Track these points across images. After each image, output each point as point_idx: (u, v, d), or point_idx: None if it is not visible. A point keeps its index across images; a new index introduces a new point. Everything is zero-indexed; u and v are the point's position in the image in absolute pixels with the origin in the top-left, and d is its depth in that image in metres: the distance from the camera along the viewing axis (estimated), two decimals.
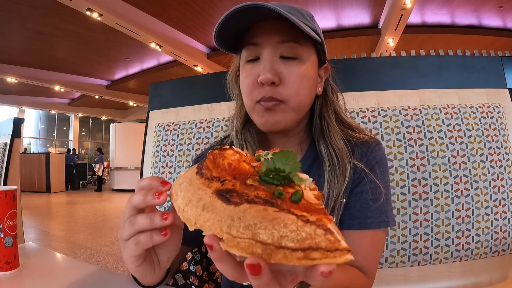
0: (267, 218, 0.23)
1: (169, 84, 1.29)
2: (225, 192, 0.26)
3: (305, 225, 0.23)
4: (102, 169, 9.62)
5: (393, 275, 0.91)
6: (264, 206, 0.24)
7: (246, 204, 0.24)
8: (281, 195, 0.25)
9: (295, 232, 0.22)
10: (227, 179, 0.27)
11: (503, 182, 0.92)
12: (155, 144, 1.16)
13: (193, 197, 0.27)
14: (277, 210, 0.24)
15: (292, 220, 0.23)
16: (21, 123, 2.10)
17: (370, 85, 1.04)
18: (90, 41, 7.24)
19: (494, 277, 0.93)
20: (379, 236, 0.60)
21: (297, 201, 0.25)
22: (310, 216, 0.24)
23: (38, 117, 13.75)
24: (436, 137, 0.92)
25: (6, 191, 0.58)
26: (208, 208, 0.25)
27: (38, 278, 0.56)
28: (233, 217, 0.24)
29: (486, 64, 1.04)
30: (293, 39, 0.56)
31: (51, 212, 5.69)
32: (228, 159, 0.30)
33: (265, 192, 0.26)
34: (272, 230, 0.23)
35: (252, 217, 0.23)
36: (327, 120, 0.63)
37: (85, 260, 2.93)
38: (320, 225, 0.23)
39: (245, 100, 0.60)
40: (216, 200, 0.25)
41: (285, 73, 0.56)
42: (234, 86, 0.69)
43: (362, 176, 0.61)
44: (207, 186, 0.27)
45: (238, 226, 0.23)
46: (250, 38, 0.57)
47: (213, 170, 0.29)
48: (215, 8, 5.79)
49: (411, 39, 6.80)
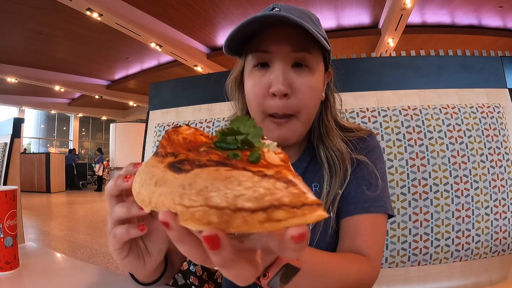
0: (219, 178, 0.20)
1: (169, 84, 1.29)
2: (177, 162, 0.23)
3: (262, 180, 0.20)
4: (102, 169, 9.62)
5: (393, 275, 0.91)
6: (216, 167, 0.21)
7: (197, 168, 0.21)
8: (236, 156, 0.23)
9: (251, 189, 0.20)
10: (181, 152, 0.25)
11: (503, 182, 0.92)
12: (155, 144, 1.16)
13: (147, 177, 0.24)
14: (230, 169, 0.21)
15: (247, 176, 0.20)
16: (21, 123, 2.09)
17: (370, 85, 1.04)
18: (90, 41, 7.24)
19: (494, 277, 0.93)
20: (378, 220, 0.58)
21: (255, 160, 0.22)
22: (267, 170, 0.21)
23: (38, 117, 13.74)
24: (436, 137, 0.92)
25: (6, 191, 0.58)
26: (160, 183, 0.23)
27: (38, 278, 0.56)
28: (184, 185, 0.21)
29: (486, 64, 1.04)
30: (305, 48, 0.55)
31: (51, 212, 5.69)
32: (182, 134, 0.28)
33: (219, 155, 0.23)
34: (225, 190, 0.20)
35: (203, 180, 0.20)
36: (326, 123, 0.63)
37: (85, 260, 2.93)
38: (280, 177, 0.20)
39: (254, 109, 0.58)
40: (168, 172, 0.23)
41: (297, 84, 0.55)
42: (235, 90, 0.67)
43: (356, 164, 0.61)
44: (161, 162, 0.25)
45: (189, 193, 0.20)
46: (260, 45, 0.56)
47: (168, 147, 0.27)
48: (215, 8, 5.79)
49: (411, 39, 6.80)
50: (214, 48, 7.80)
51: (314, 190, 0.62)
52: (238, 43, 0.57)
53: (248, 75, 0.59)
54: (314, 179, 0.63)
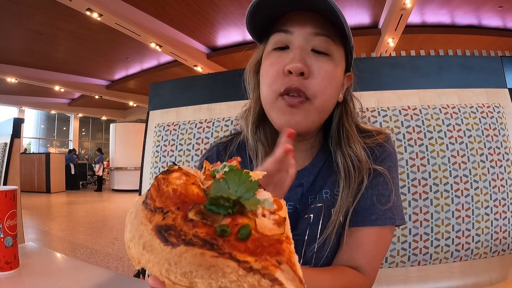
0: (203, 265, 0.20)
1: (169, 84, 1.30)
2: (164, 229, 0.23)
3: (247, 275, 0.20)
4: (102, 169, 9.62)
5: (393, 275, 0.91)
6: (201, 249, 0.21)
7: (183, 246, 0.22)
8: (224, 233, 0.22)
9: (235, 283, 0.20)
10: (170, 210, 0.25)
11: (503, 182, 0.92)
12: (155, 144, 1.16)
13: (136, 233, 0.25)
14: (216, 255, 0.21)
15: (232, 268, 0.20)
16: (21, 123, 2.10)
17: (370, 85, 1.04)
18: (90, 41, 7.24)
19: (494, 277, 0.93)
20: (384, 234, 0.57)
21: (245, 238, 0.22)
22: (254, 263, 0.20)
23: (38, 117, 13.74)
24: (436, 137, 0.92)
25: (6, 191, 0.58)
26: (148, 248, 0.23)
27: (38, 278, 0.56)
28: (170, 262, 0.21)
29: (486, 64, 1.04)
30: (327, 33, 0.53)
31: (51, 212, 5.69)
32: (172, 184, 0.27)
33: (206, 229, 0.23)
34: (209, 280, 0.20)
35: (188, 264, 0.21)
36: (347, 129, 0.60)
37: (85, 260, 2.93)
38: (266, 274, 0.20)
39: (266, 91, 0.56)
40: (155, 239, 0.23)
41: (315, 67, 0.53)
42: (251, 78, 0.64)
43: (370, 172, 0.59)
44: (149, 220, 0.25)
45: (175, 272, 0.21)
46: (282, 25, 0.55)
47: (157, 199, 0.26)
48: (215, 8, 5.79)
49: (411, 39, 6.80)
50: (214, 48, 7.80)
51: (325, 197, 0.60)
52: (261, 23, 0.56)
53: (266, 57, 0.57)
54: (325, 185, 0.61)
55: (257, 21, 0.55)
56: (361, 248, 0.56)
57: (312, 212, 0.59)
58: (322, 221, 0.58)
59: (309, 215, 0.59)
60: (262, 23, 0.56)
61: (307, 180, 0.62)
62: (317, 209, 0.59)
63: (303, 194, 0.61)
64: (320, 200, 0.59)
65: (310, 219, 0.59)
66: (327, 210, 0.58)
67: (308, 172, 0.62)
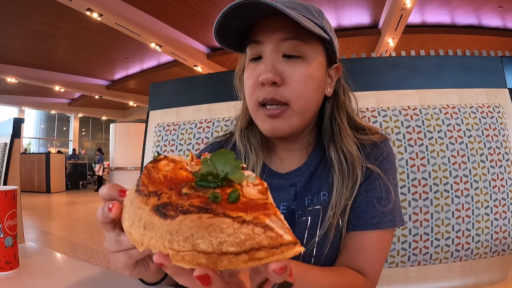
0: (202, 226, 0.23)
1: (169, 84, 1.29)
2: (161, 206, 0.25)
3: (242, 226, 0.22)
4: (102, 169, 9.62)
5: (393, 275, 0.91)
6: (198, 214, 0.23)
7: (181, 215, 0.24)
8: (216, 199, 0.25)
9: (232, 235, 0.22)
10: (163, 191, 0.27)
11: (503, 182, 0.92)
12: (155, 144, 1.16)
13: (135, 218, 0.26)
14: (212, 216, 0.23)
15: (227, 223, 0.23)
16: (21, 123, 2.09)
17: (370, 85, 1.04)
18: (90, 41, 7.24)
19: (494, 277, 0.93)
20: (385, 237, 0.57)
21: (235, 201, 0.25)
22: (246, 216, 0.23)
23: (38, 117, 13.74)
24: (436, 137, 0.92)
25: (6, 191, 0.58)
26: (149, 227, 0.25)
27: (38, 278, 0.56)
28: (171, 232, 0.23)
29: (486, 64, 1.04)
30: (297, 36, 0.53)
31: (51, 212, 5.69)
32: (162, 171, 0.29)
33: (200, 198, 0.25)
34: (209, 238, 0.22)
35: (188, 228, 0.23)
36: (339, 123, 0.60)
37: (85, 260, 2.93)
38: (258, 223, 0.23)
39: (248, 102, 0.57)
40: (154, 216, 0.25)
41: (288, 73, 0.53)
42: (240, 86, 0.66)
43: (368, 174, 0.58)
44: (145, 203, 0.26)
45: (178, 240, 0.23)
46: (253, 35, 0.55)
47: (149, 185, 0.28)
48: (215, 8, 5.79)
49: (411, 39, 6.80)
50: (214, 48, 7.80)
51: (323, 199, 0.59)
52: (236, 37, 0.56)
53: (246, 67, 0.59)
54: (323, 187, 0.60)
55: (228, 36, 0.56)
56: (363, 253, 0.55)
57: (310, 214, 0.58)
58: (320, 224, 0.57)
59: (307, 217, 0.58)
60: (237, 36, 0.56)
61: (300, 179, 0.61)
62: (315, 211, 0.58)
63: (296, 193, 0.60)
64: (318, 202, 0.58)
65: (307, 221, 0.57)
66: (325, 213, 0.57)
67: (301, 171, 0.62)
